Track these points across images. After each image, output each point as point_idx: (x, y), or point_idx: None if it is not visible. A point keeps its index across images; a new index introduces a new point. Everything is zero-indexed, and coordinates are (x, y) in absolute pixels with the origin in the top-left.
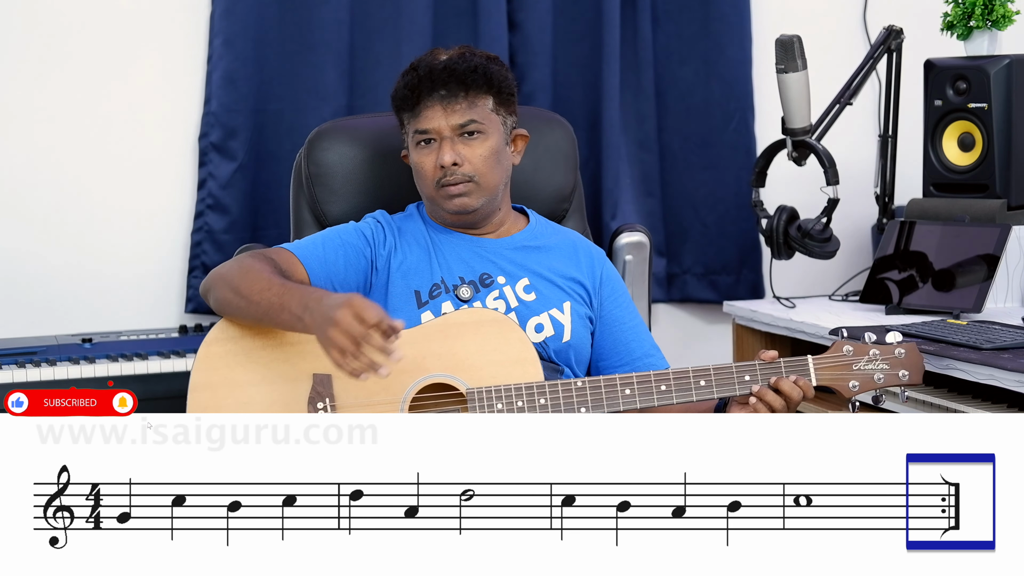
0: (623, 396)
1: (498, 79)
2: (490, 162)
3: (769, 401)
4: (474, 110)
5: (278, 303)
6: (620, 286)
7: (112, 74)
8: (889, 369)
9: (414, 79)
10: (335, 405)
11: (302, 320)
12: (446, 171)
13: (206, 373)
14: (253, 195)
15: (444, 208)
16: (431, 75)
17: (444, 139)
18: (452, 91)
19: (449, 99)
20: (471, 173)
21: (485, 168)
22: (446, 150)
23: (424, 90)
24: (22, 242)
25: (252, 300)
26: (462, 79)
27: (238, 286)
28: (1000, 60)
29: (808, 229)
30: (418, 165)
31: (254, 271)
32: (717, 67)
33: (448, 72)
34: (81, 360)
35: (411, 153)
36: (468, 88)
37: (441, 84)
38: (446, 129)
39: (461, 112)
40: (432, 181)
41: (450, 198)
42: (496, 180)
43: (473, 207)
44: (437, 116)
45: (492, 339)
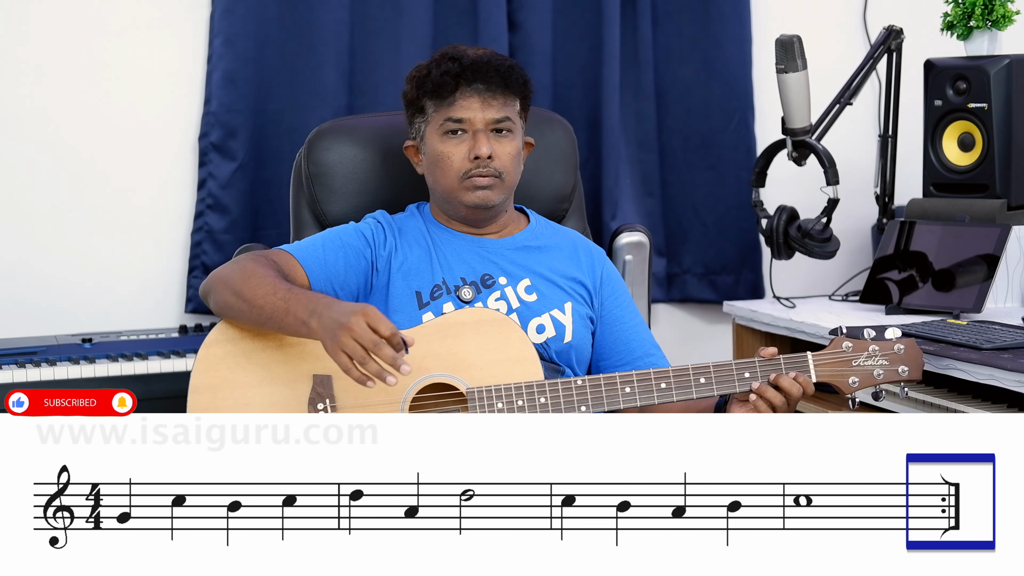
0: (623, 394)
1: (529, 87)
2: (515, 161)
3: (769, 398)
4: (508, 108)
5: (283, 307)
6: (620, 285)
7: (112, 74)
8: (888, 365)
9: (455, 67)
10: (335, 406)
11: (307, 325)
12: (479, 163)
13: (206, 374)
14: (253, 195)
15: (464, 201)
16: (474, 67)
17: (478, 132)
18: (492, 86)
19: (487, 93)
20: (500, 169)
21: (511, 167)
22: (483, 142)
23: (464, 80)
24: (22, 242)
25: (255, 304)
26: (504, 76)
27: (240, 289)
28: (1000, 60)
29: (808, 229)
30: (443, 154)
31: (257, 275)
32: (717, 67)
33: (491, 67)
34: (81, 360)
35: (434, 142)
36: (507, 86)
37: (482, 77)
38: (480, 122)
39: (497, 108)
40: (458, 172)
41: (475, 190)
42: (515, 180)
43: (493, 202)
44: (474, 108)
45: (492, 338)
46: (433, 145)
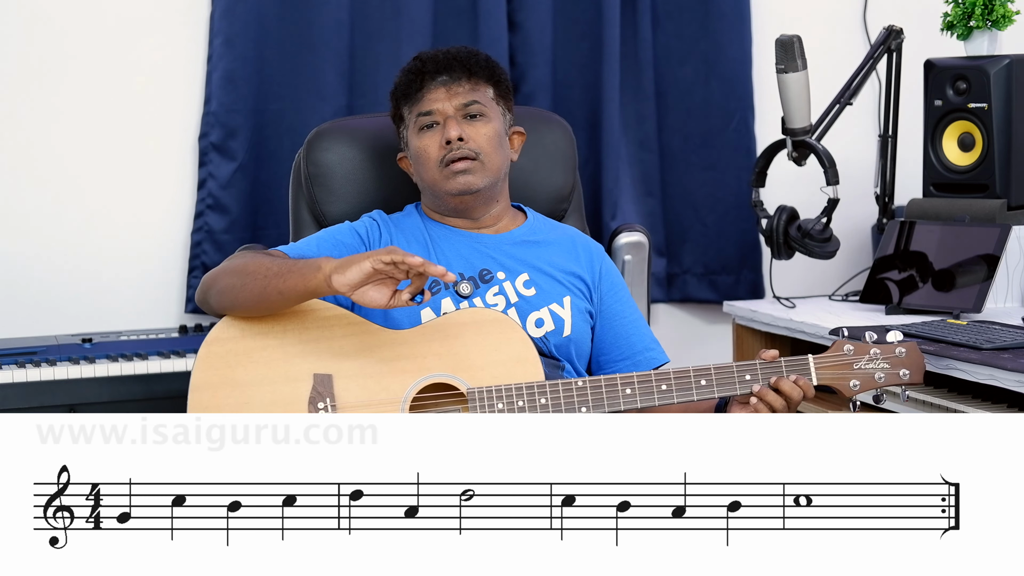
0: (624, 396)
1: (498, 71)
2: (494, 143)
3: (770, 401)
4: (476, 93)
5: (285, 269)
6: (619, 281)
7: (112, 74)
8: (890, 368)
9: (416, 66)
10: (335, 405)
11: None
12: (452, 147)
13: (207, 373)
14: (253, 195)
15: (447, 189)
16: (434, 61)
17: (448, 119)
18: (455, 75)
19: (451, 82)
20: (475, 150)
21: (489, 148)
22: (451, 127)
23: (427, 75)
24: (22, 242)
25: (257, 274)
26: (465, 64)
27: (239, 269)
28: (1000, 60)
29: (808, 229)
30: (420, 149)
31: (253, 256)
32: (717, 67)
33: (451, 58)
34: (81, 360)
35: (413, 141)
36: (471, 74)
37: (444, 69)
38: (450, 109)
39: (464, 94)
40: (436, 161)
41: (455, 176)
42: (499, 163)
43: (477, 186)
44: (440, 98)
45: (493, 338)
46: (413, 144)
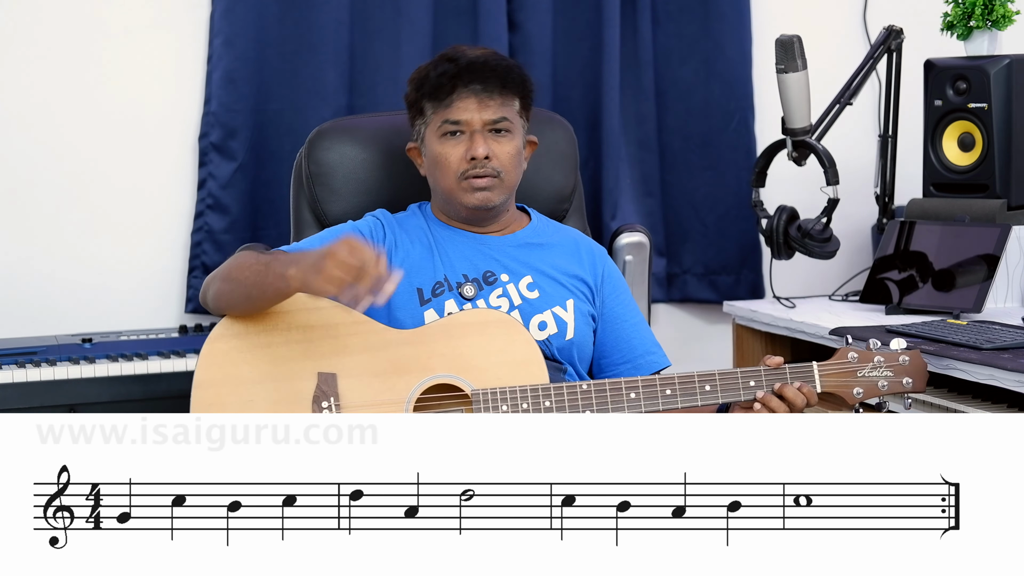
0: (628, 400)
1: (528, 85)
2: (515, 161)
3: (773, 407)
4: (506, 108)
5: (263, 270)
6: (621, 283)
7: (112, 74)
8: (893, 376)
9: (452, 69)
10: (339, 404)
11: (285, 276)
12: (476, 163)
13: (210, 370)
14: (253, 195)
15: (463, 202)
16: (470, 67)
17: (475, 132)
18: (489, 87)
19: (484, 94)
20: (499, 168)
21: (511, 166)
22: (479, 143)
23: (461, 81)
24: (22, 242)
25: (240, 280)
26: (501, 77)
27: (227, 274)
28: (1000, 60)
29: (808, 229)
30: (442, 156)
31: (242, 256)
32: (717, 67)
33: (487, 68)
34: (81, 360)
35: (432, 143)
36: (504, 86)
37: (479, 78)
38: (478, 123)
39: (495, 108)
40: (456, 172)
41: (473, 191)
42: (516, 180)
43: (494, 203)
44: (471, 108)
45: (497, 340)
46: (432, 147)
